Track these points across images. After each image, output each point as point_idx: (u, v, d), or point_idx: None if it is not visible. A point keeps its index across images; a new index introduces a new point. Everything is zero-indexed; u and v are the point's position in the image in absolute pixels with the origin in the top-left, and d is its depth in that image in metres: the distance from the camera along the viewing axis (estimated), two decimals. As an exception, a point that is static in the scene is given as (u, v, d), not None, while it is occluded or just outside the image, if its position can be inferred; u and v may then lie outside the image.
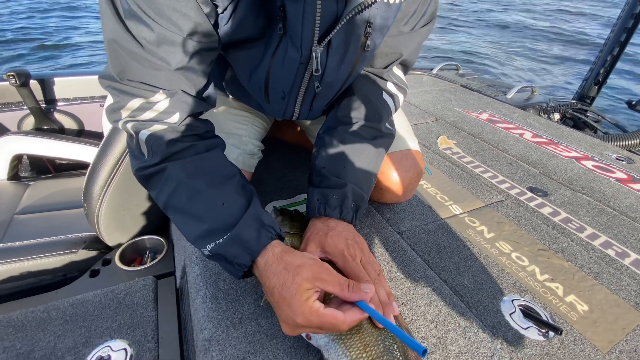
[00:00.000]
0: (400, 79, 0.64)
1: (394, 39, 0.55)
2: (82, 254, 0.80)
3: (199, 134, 0.48)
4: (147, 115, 0.43)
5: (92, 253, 0.81)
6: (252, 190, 0.48)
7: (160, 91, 0.43)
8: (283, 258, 0.42)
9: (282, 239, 0.46)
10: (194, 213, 0.44)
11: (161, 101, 0.43)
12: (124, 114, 0.44)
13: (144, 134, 0.44)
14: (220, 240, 0.43)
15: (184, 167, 0.45)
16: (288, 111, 0.63)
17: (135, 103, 0.43)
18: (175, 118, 0.44)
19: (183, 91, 0.44)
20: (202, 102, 0.48)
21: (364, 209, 0.57)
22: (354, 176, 0.56)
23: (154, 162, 0.44)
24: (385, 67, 0.61)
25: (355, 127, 0.59)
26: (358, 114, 0.60)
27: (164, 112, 0.43)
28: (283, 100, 0.59)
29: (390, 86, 0.63)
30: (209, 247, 0.43)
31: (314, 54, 0.47)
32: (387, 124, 0.62)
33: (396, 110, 0.65)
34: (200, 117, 0.49)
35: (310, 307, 0.37)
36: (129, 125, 0.44)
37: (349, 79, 0.58)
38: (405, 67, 0.64)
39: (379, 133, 0.61)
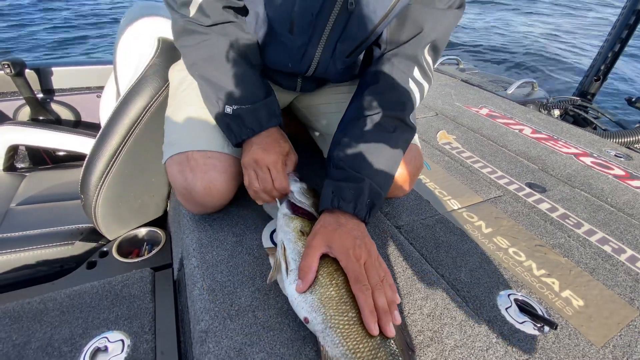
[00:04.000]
0: (429, 65, 0.61)
1: (426, 12, 0.55)
2: (79, 246, 0.80)
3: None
4: None
5: (89, 245, 0.81)
6: (268, 83, 0.60)
7: None
8: (280, 138, 0.57)
9: (282, 126, 0.59)
10: (232, 75, 0.55)
11: None
12: None
13: None
14: (244, 106, 0.55)
15: (230, 42, 0.55)
16: (309, 53, 0.60)
17: None
18: None
19: None
20: None
21: (379, 207, 0.55)
22: (373, 171, 0.54)
23: (207, 23, 0.53)
24: (409, 40, 0.58)
25: (377, 118, 0.57)
26: (382, 103, 0.58)
27: None
28: (309, 28, 0.56)
29: (416, 73, 0.60)
30: (235, 107, 0.54)
31: None
32: (410, 117, 0.60)
33: (421, 100, 0.62)
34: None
35: (281, 160, 0.54)
36: None
37: (384, 21, 0.55)
38: (436, 52, 0.61)
39: (401, 124, 0.58)
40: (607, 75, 2.29)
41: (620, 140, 1.63)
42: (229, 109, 0.55)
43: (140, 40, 0.79)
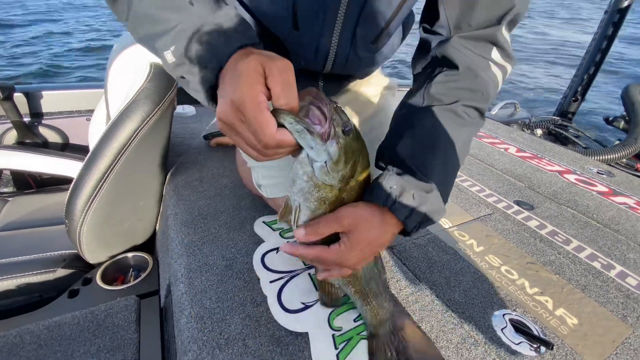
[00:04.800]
0: (508, 43, 0.49)
1: None
2: (61, 273, 0.76)
3: None
4: None
5: (72, 272, 0.78)
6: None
7: None
8: (241, 57, 0.33)
9: (258, 47, 0.37)
10: (163, 6, 0.36)
11: None
12: None
13: None
14: (186, 39, 0.35)
15: None
16: (323, 47, 0.47)
17: None
18: None
19: None
20: None
21: (429, 224, 0.43)
22: (442, 176, 0.43)
23: None
24: (497, 24, 0.45)
25: (455, 108, 0.46)
26: (460, 91, 0.46)
27: None
28: (317, 16, 0.44)
29: (495, 54, 0.48)
30: (173, 47, 0.36)
31: None
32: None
33: (502, 84, 0.51)
34: None
35: (253, 91, 0.31)
36: None
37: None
38: (512, 26, 0.49)
39: (478, 116, 0.48)
40: (585, 96, 2.40)
41: (601, 157, 1.69)
42: (169, 55, 0.36)
43: (132, 65, 0.80)
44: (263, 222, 0.69)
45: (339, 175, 0.39)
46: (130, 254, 0.80)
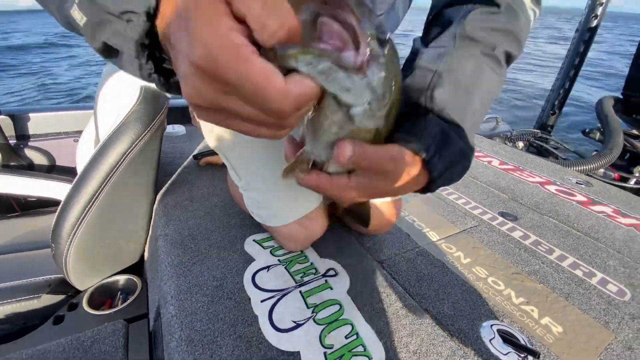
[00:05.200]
0: None
1: None
2: (46, 299, 0.74)
3: None
4: None
5: (58, 297, 0.76)
6: None
7: None
8: None
9: None
10: None
11: None
12: None
13: None
14: None
15: None
16: None
17: None
18: None
19: None
20: None
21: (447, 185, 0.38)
22: (473, 129, 0.38)
23: None
24: None
25: (497, 53, 0.40)
26: (500, 34, 0.40)
27: None
28: None
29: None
30: (77, 1, 0.24)
31: None
32: None
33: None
34: None
35: (221, 34, 0.18)
36: None
37: None
38: None
39: (506, 65, 0.42)
40: (562, 109, 2.52)
41: (579, 168, 1.76)
42: (76, 14, 0.25)
43: (122, 87, 0.82)
44: (253, 240, 0.70)
45: (385, 110, 0.26)
46: (118, 277, 0.79)
